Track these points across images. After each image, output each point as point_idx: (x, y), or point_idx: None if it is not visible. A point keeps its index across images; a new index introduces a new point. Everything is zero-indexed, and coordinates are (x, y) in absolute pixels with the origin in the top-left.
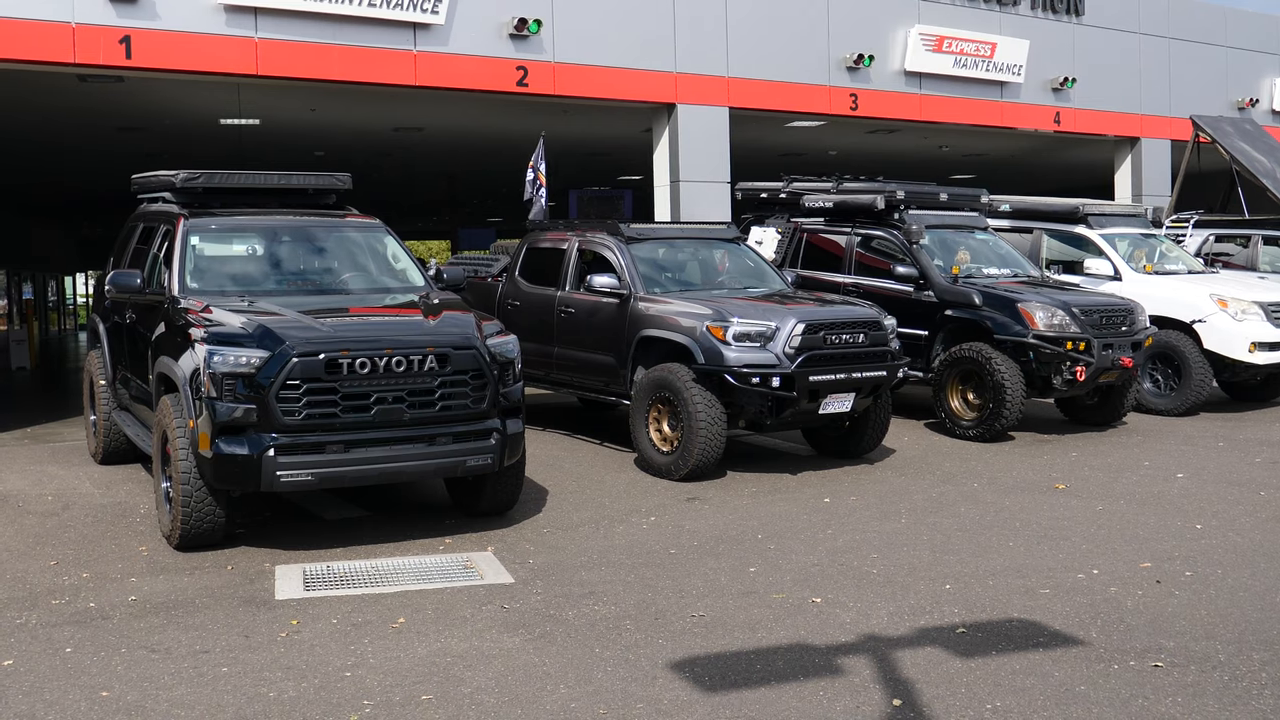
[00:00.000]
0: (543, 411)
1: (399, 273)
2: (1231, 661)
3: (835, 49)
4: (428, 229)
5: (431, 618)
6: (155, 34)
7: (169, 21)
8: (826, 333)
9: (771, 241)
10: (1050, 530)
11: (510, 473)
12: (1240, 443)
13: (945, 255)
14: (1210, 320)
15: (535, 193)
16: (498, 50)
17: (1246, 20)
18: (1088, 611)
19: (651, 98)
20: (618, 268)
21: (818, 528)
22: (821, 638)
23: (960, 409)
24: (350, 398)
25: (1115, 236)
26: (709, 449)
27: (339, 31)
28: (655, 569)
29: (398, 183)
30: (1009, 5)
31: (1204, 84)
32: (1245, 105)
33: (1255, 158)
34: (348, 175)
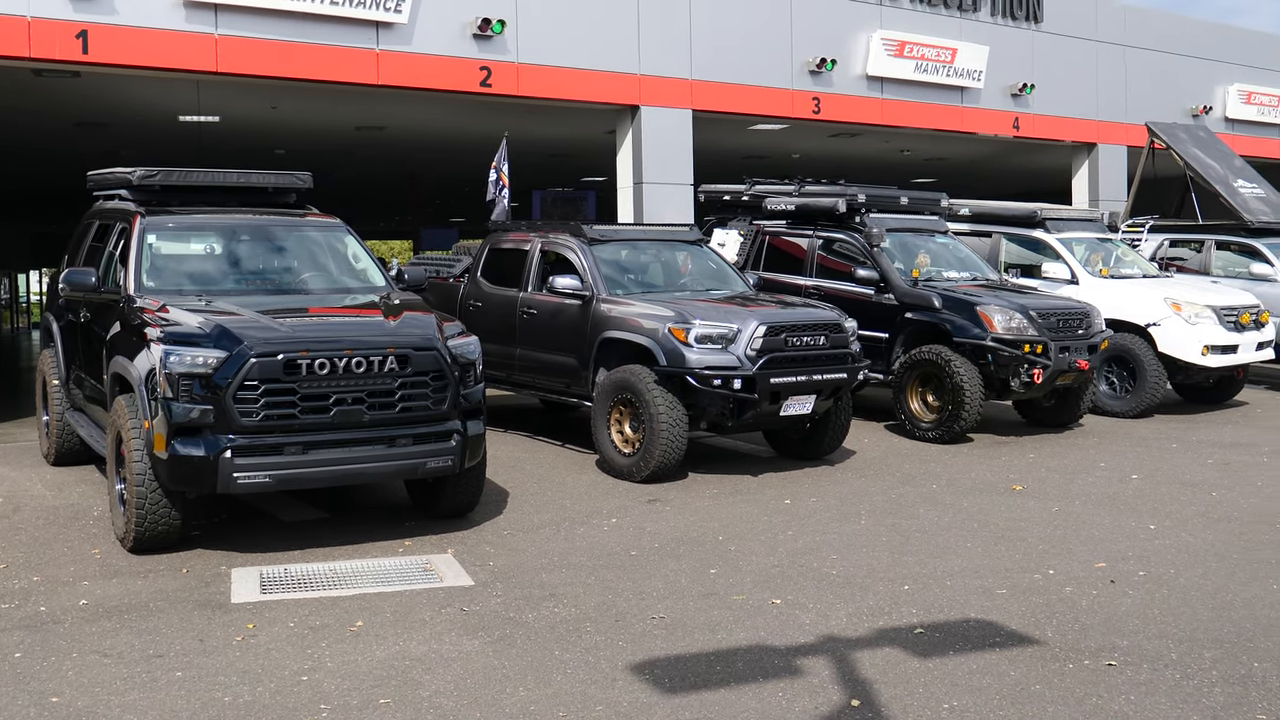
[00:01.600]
0: (504, 413)
1: (359, 273)
2: (1183, 660)
3: (798, 53)
4: (390, 229)
5: (390, 620)
6: (113, 29)
7: (127, 16)
8: (788, 335)
9: (734, 244)
10: (1007, 531)
11: (471, 474)
12: (1193, 444)
13: (906, 258)
14: (1164, 324)
15: (498, 193)
16: (461, 50)
17: (1201, 29)
18: (1043, 611)
19: (615, 99)
20: (580, 269)
21: (778, 529)
22: (781, 639)
23: (920, 411)
24: (309, 399)
25: (1072, 241)
26: (670, 451)
27: (301, 29)
28: (616, 571)
29: (360, 182)
30: (969, 11)
31: (1159, 91)
32: (1199, 112)
33: (1209, 164)
34: (308, 174)
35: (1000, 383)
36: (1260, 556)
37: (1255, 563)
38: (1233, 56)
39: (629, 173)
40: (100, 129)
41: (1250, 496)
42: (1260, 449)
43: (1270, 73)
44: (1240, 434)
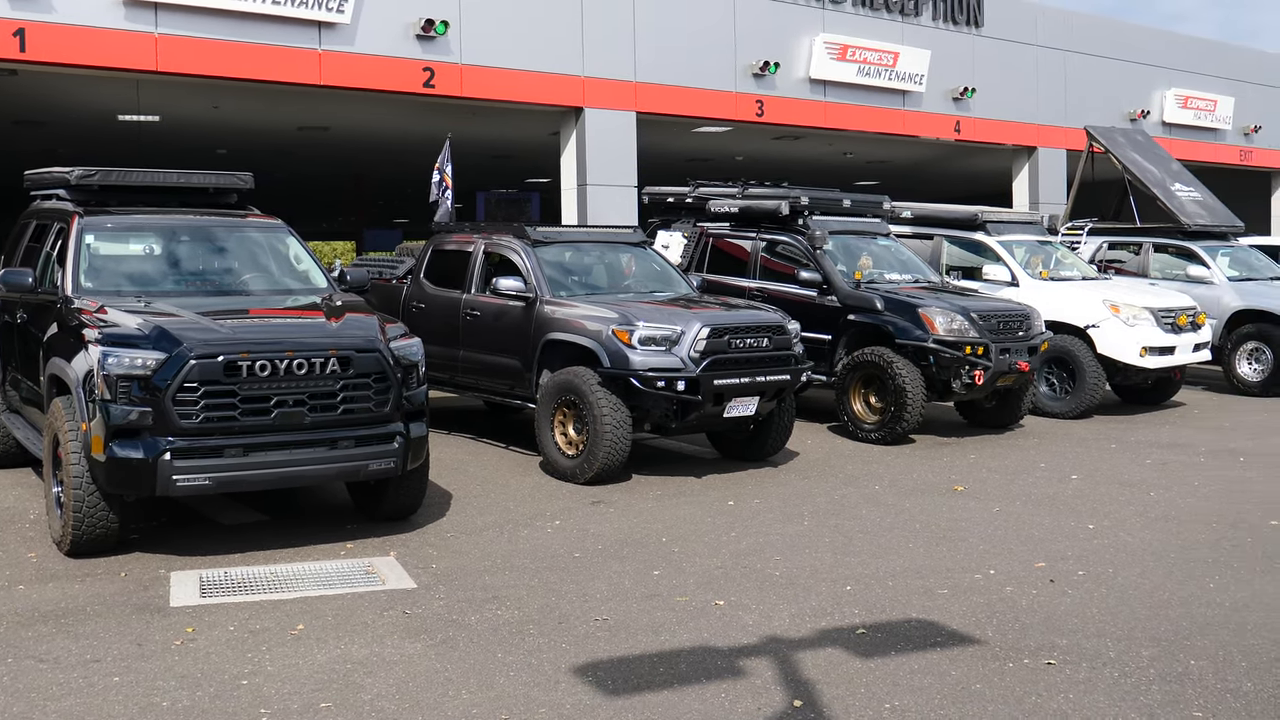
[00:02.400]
0: (447, 414)
1: (301, 274)
2: (1121, 658)
3: (742, 56)
4: (333, 229)
5: (331, 624)
6: (51, 27)
7: (66, 15)
8: (731, 337)
9: (678, 246)
10: (949, 531)
11: (414, 476)
12: (1131, 444)
13: (848, 261)
14: (1103, 325)
15: (441, 194)
16: (404, 51)
17: (1139, 35)
18: (984, 611)
19: (559, 101)
20: (524, 271)
21: (722, 530)
22: (724, 640)
23: (863, 412)
24: (250, 400)
25: (1013, 243)
26: (614, 452)
27: (242, 29)
28: (559, 573)
29: (302, 182)
30: (911, 16)
31: (1098, 96)
32: (1137, 117)
33: (1146, 168)
34: (249, 174)
35: (942, 384)
36: (1196, 555)
37: (1191, 562)
38: (1170, 62)
39: (573, 174)
40: (38, 127)
41: (1187, 496)
42: (1197, 449)
43: (1206, 78)
44: (1178, 434)
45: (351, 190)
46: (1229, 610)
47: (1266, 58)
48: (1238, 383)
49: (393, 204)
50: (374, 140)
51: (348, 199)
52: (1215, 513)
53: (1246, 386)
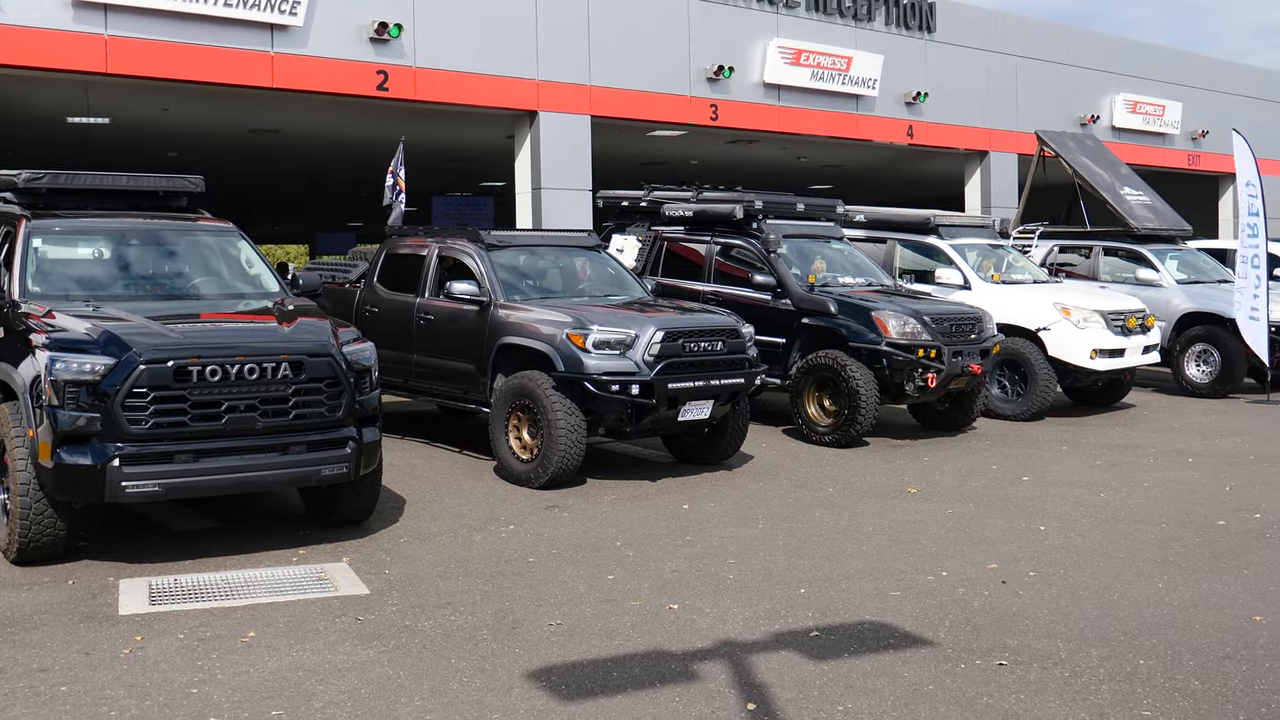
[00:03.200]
0: (401, 419)
1: (253, 278)
2: (1072, 659)
3: (696, 60)
4: (286, 233)
5: (283, 631)
6: None
7: (13, 16)
8: (685, 340)
9: (632, 249)
10: (902, 533)
11: (366, 482)
12: (1082, 446)
13: (802, 264)
14: (1054, 328)
15: (395, 198)
16: (357, 54)
17: (1089, 40)
18: (936, 612)
19: (513, 104)
20: (478, 274)
21: (676, 534)
22: (678, 644)
23: (817, 415)
24: (200, 406)
25: (965, 247)
26: (569, 457)
27: (193, 31)
28: (513, 578)
29: (255, 185)
30: (864, 21)
31: (1049, 100)
32: (1087, 121)
33: (1096, 172)
34: (200, 177)
35: (895, 387)
36: (1145, 556)
37: (1141, 562)
38: (1119, 67)
39: (527, 178)
40: None
41: (1137, 497)
42: (1146, 450)
43: (1155, 83)
44: (1128, 435)
45: (304, 193)
46: (1177, 610)
47: (1213, 64)
48: (1186, 384)
49: (347, 207)
50: (327, 143)
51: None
52: (1164, 513)
53: (1195, 388)
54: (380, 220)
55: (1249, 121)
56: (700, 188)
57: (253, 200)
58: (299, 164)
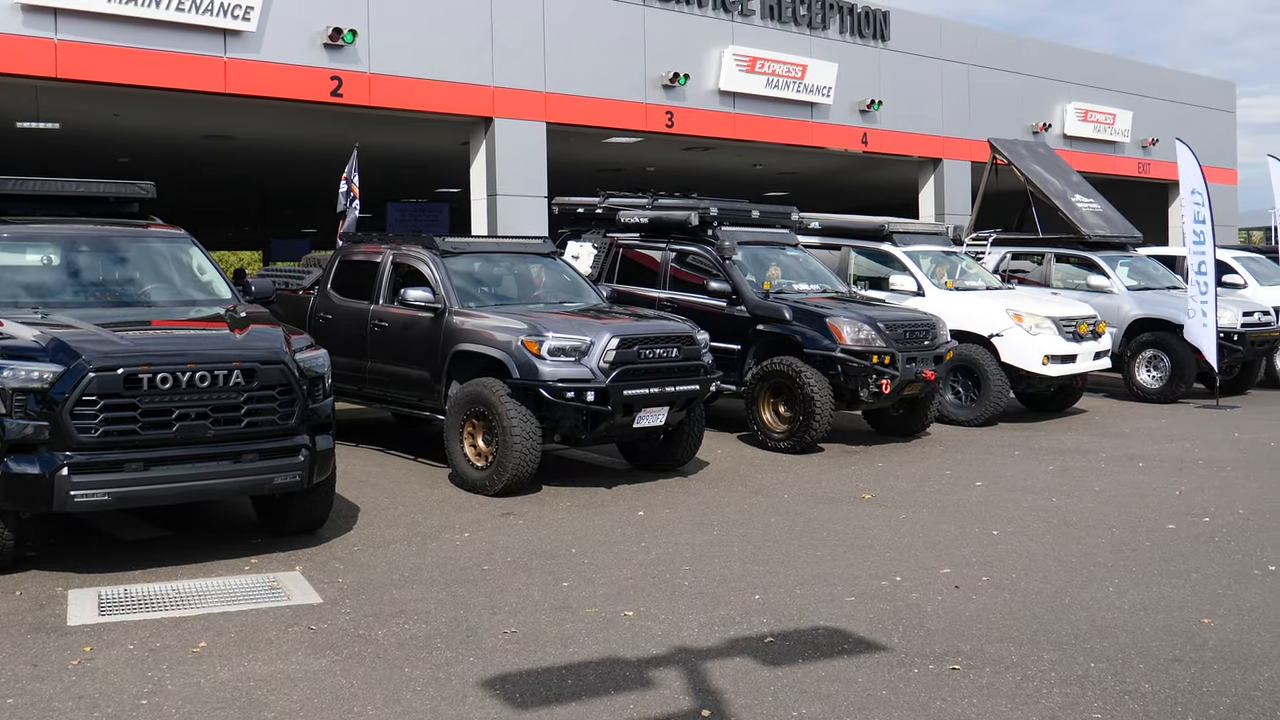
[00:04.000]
0: (355, 427)
1: (205, 285)
2: (1023, 662)
3: (651, 67)
4: (239, 239)
5: (235, 641)
6: None
7: None
8: (640, 347)
9: (588, 256)
10: (856, 539)
11: (320, 490)
12: (1034, 451)
13: (757, 271)
14: (1007, 334)
15: (349, 204)
16: (311, 60)
17: (1041, 50)
18: (890, 617)
19: (468, 111)
20: (433, 281)
21: (631, 541)
22: (633, 651)
23: (772, 421)
24: (151, 414)
25: (919, 254)
26: (524, 464)
27: (145, 35)
28: (468, 586)
29: (207, 191)
30: (819, 29)
31: (1001, 109)
32: (1039, 129)
33: (1048, 179)
34: (151, 183)
35: (850, 393)
36: (1096, 559)
37: (1092, 566)
38: (1071, 76)
39: (483, 185)
40: None
41: (1088, 501)
42: (1098, 455)
43: (1106, 91)
44: (1079, 440)
45: (258, 200)
46: (1127, 613)
47: (1163, 73)
48: (1137, 389)
49: (300, 214)
50: (281, 149)
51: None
52: (1115, 517)
53: (1145, 393)
54: (335, 226)
55: (1198, 130)
56: (656, 194)
57: (206, 206)
58: (252, 170)
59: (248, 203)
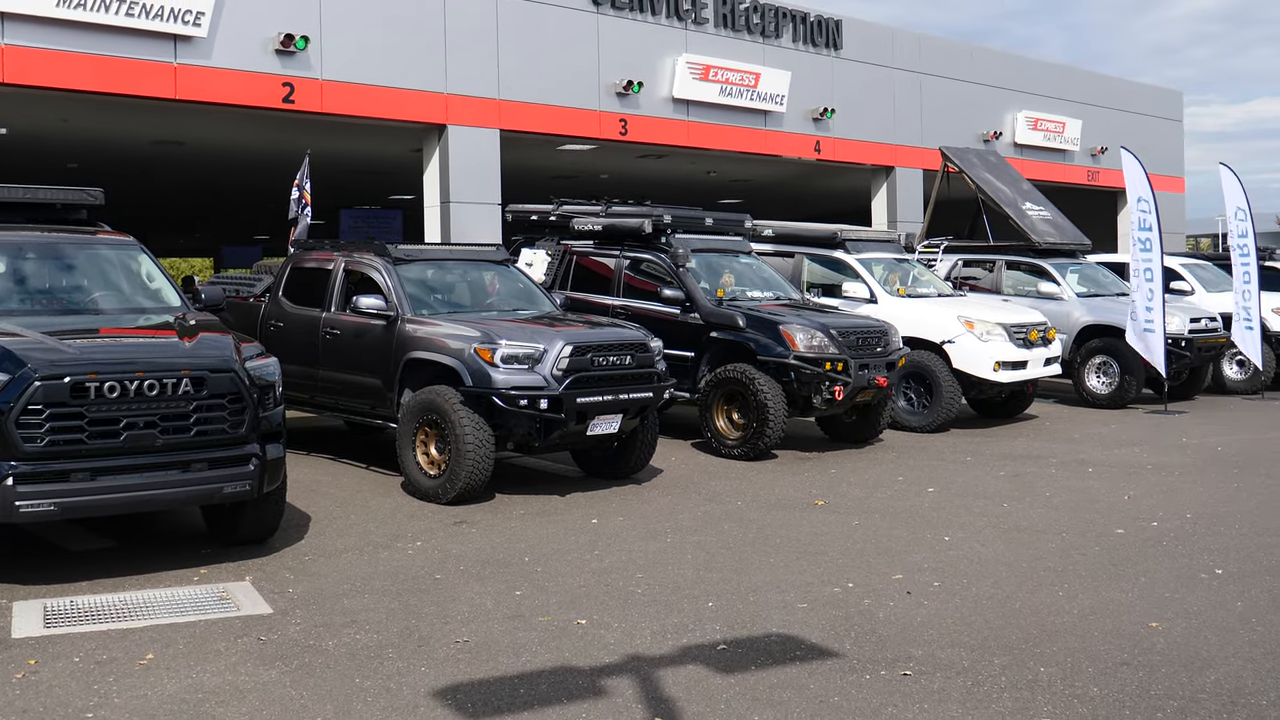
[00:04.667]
0: (307, 435)
1: (154, 292)
2: (974, 667)
3: (605, 75)
4: (191, 246)
5: (183, 652)
6: None
7: None
8: (594, 355)
9: (541, 264)
10: (809, 546)
11: (270, 499)
12: (986, 457)
13: (711, 278)
14: (958, 341)
15: (300, 211)
16: (263, 66)
17: (991, 59)
18: (843, 624)
19: (421, 118)
20: (385, 289)
21: (585, 549)
22: (586, 659)
23: (725, 428)
24: (98, 423)
25: (871, 261)
26: (477, 472)
27: (94, 41)
28: (420, 595)
29: (158, 198)
30: (772, 38)
31: (953, 117)
32: (990, 138)
33: (999, 187)
34: (100, 190)
35: (803, 400)
36: (1047, 565)
37: (1042, 571)
38: (1021, 85)
39: (436, 192)
40: None
41: (1039, 507)
42: (1048, 461)
43: (1055, 101)
44: (1030, 446)
45: (209, 206)
46: (1077, 618)
47: (1111, 82)
48: (1087, 395)
49: (252, 220)
50: (232, 155)
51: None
52: (1065, 522)
53: (1095, 399)
54: (287, 233)
55: (1146, 138)
56: (609, 202)
57: (156, 213)
58: (203, 176)
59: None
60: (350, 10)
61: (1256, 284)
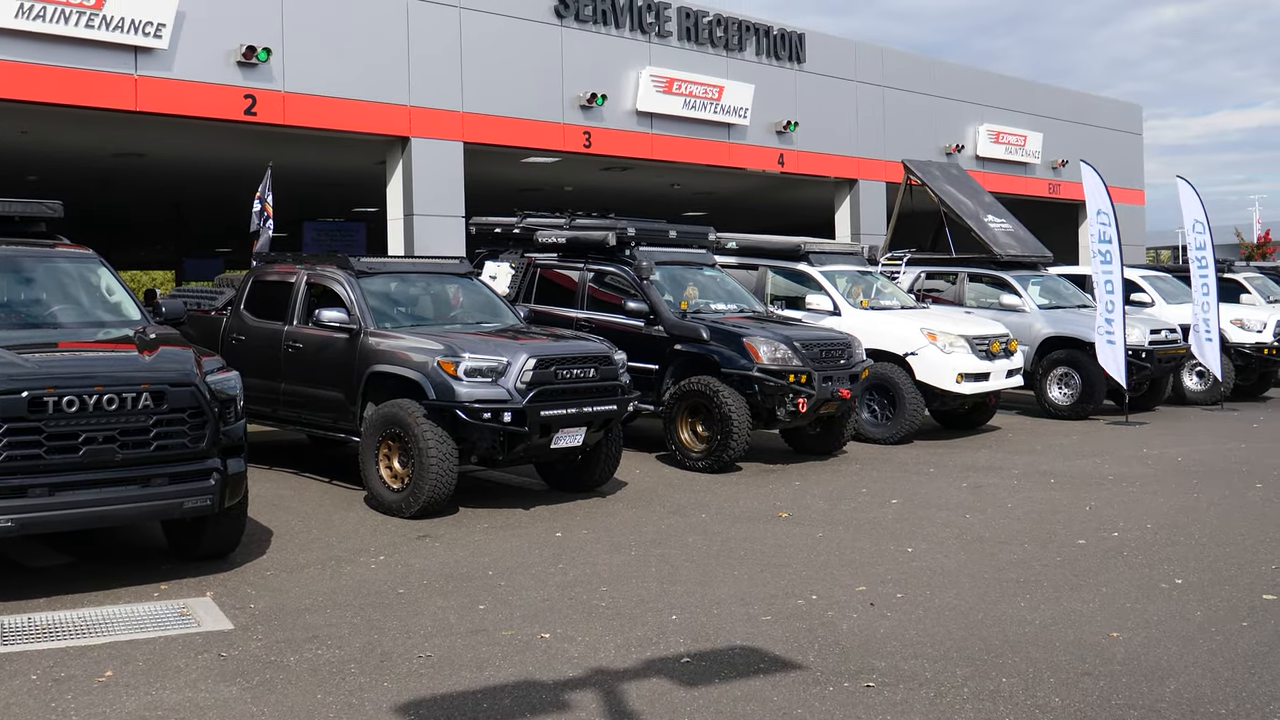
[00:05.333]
0: (269, 449)
1: (113, 306)
2: (937, 678)
3: (569, 87)
4: (152, 259)
5: (143, 669)
6: None
7: None
8: (558, 367)
9: (505, 276)
10: (773, 558)
11: (231, 514)
12: (949, 468)
13: (675, 291)
14: (921, 353)
15: (262, 224)
16: (225, 78)
17: (953, 72)
18: (806, 636)
19: (384, 130)
20: (348, 302)
21: (549, 562)
22: (549, 673)
23: (690, 441)
24: (56, 438)
25: (835, 273)
26: (440, 485)
27: (53, 52)
28: (383, 610)
29: (119, 210)
30: (735, 51)
31: (915, 130)
32: (952, 151)
33: (961, 200)
34: (59, 202)
35: (767, 412)
36: (1009, 576)
37: (1004, 582)
38: (983, 98)
39: (399, 204)
40: None
41: (1001, 518)
42: (1010, 472)
43: (1017, 114)
44: (993, 458)
45: (170, 219)
46: (1039, 628)
47: (1072, 96)
48: (1049, 406)
49: (215, 232)
50: (194, 168)
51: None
52: (1027, 533)
53: (1057, 410)
54: (249, 246)
55: (1107, 151)
56: (574, 214)
57: (117, 225)
58: (164, 188)
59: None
60: (313, 22)
61: (1216, 296)
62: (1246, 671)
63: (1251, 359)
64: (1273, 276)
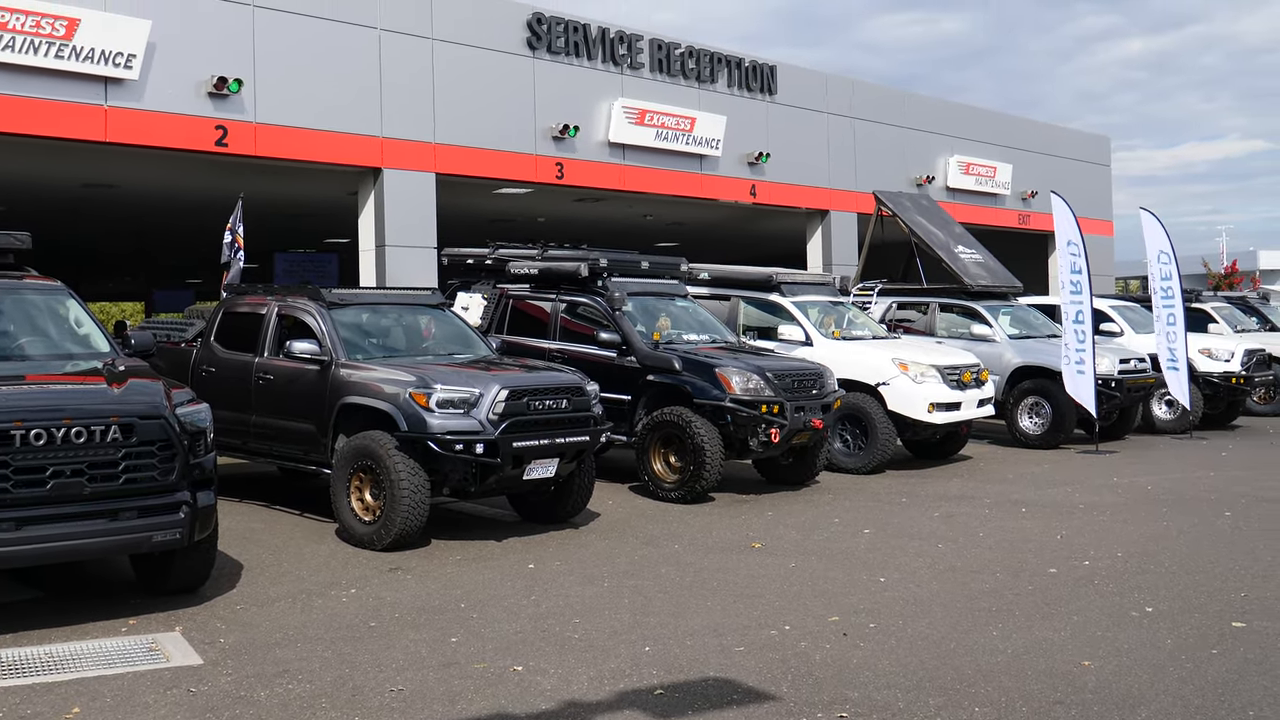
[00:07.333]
0: (239, 481)
1: (82, 338)
2: (910, 708)
3: (541, 119)
4: (122, 290)
5: (110, 705)
6: None
7: None
8: (530, 399)
9: (477, 307)
10: (746, 589)
11: (201, 547)
12: (921, 498)
13: (647, 322)
14: (893, 383)
15: (233, 255)
16: (196, 109)
17: (923, 104)
18: (779, 666)
19: (356, 161)
20: (319, 333)
21: (521, 594)
22: (522, 706)
23: (663, 471)
24: (24, 471)
25: (806, 304)
26: (412, 518)
27: (22, 83)
28: (354, 643)
29: (89, 241)
30: (707, 82)
31: (886, 161)
32: (923, 182)
33: (931, 231)
34: (26, 234)
35: (740, 442)
36: (981, 605)
37: (977, 611)
38: (953, 130)
39: (371, 236)
40: None
41: (973, 547)
42: (982, 501)
43: (986, 145)
44: (965, 487)
45: (140, 250)
46: (1010, 657)
47: (1041, 128)
48: (1020, 435)
49: (185, 264)
50: (164, 199)
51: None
52: (999, 562)
53: (1028, 439)
54: (220, 277)
55: (1075, 182)
56: (546, 245)
57: (85, 256)
58: (134, 220)
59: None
60: (284, 53)
61: (1183, 325)
62: (1217, 699)
63: (1220, 388)
64: (1240, 306)
